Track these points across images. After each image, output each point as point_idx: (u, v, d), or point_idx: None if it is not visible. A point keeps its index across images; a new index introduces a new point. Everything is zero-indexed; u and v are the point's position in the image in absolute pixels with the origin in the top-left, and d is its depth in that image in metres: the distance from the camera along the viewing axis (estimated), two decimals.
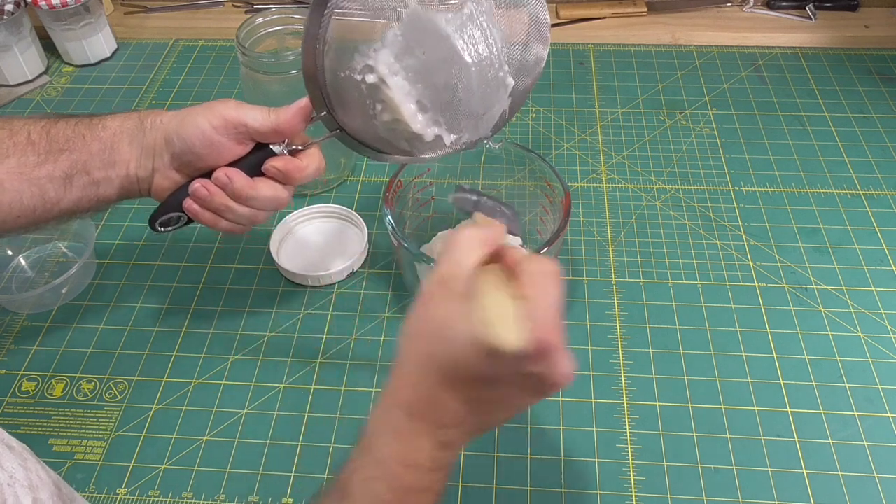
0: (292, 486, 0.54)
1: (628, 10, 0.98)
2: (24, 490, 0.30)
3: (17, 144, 0.49)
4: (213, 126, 0.50)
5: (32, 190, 0.49)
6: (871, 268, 0.68)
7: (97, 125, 0.51)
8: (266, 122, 0.50)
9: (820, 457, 0.55)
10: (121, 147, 0.51)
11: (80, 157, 0.50)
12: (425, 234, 0.68)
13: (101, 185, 0.51)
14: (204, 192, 0.51)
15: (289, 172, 0.52)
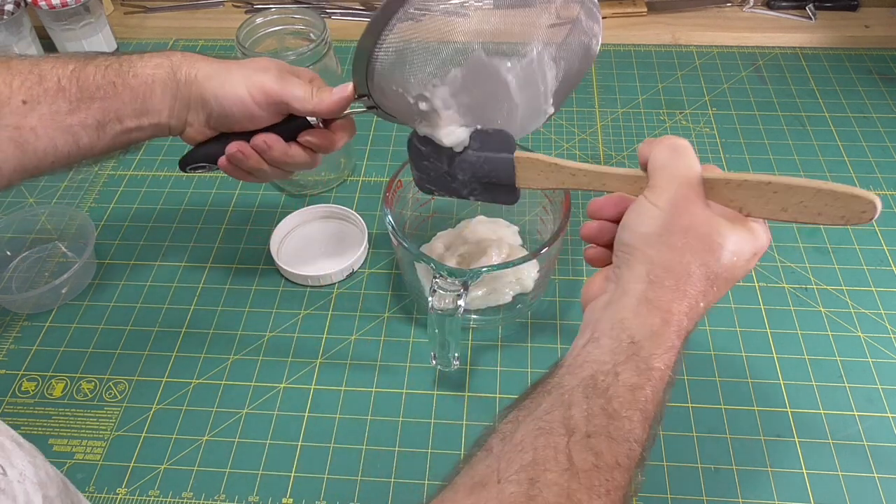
0: (292, 486, 0.54)
1: (628, 10, 0.98)
2: (34, 487, 0.30)
3: (48, 91, 0.49)
4: (255, 99, 0.51)
5: (66, 137, 0.49)
6: (871, 268, 0.68)
7: (127, 72, 0.51)
8: (307, 105, 0.51)
9: (820, 457, 0.55)
10: (153, 97, 0.51)
11: (112, 106, 0.50)
12: (425, 234, 0.68)
13: (133, 132, 0.52)
14: (241, 156, 0.53)
15: (324, 145, 0.54)
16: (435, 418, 0.58)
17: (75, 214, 0.72)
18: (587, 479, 0.34)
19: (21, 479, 0.29)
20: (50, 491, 0.31)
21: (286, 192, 0.77)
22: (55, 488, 0.32)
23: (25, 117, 0.48)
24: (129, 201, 0.77)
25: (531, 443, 0.35)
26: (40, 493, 0.30)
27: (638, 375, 0.36)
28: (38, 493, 0.30)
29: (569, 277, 0.68)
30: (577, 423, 0.35)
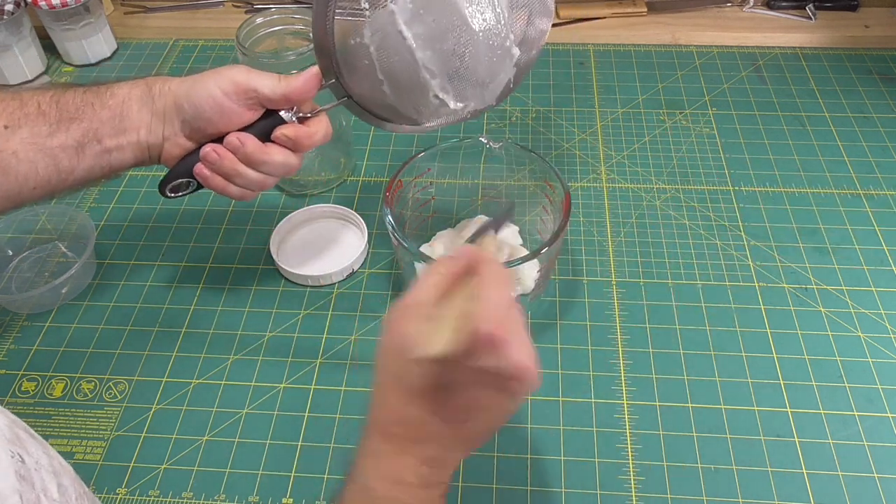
0: (292, 486, 0.54)
1: (628, 10, 0.98)
2: (49, 475, 0.30)
3: (28, 115, 0.50)
4: (224, 91, 0.51)
5: (46, 160, 0.50)
6: (871, 268, 0.68)
7: (105, 93, 0.52)
8: (276, 89, 0.51)
9: (820, 457, 0.55)
10: (130, 114, 0.52)
11: (91, 126, 0.51)
12: (425, 234, 0.68)
13: (112, 153, 0.52)
14: (214, 157, 0.52)
15: (298, 139, 0.54)
16: None
17: (75, 214, 0.72)
18: None
19: (37, 467, 0.30)
20: (64, 479, 0.31)
21: (286, 192, 0.77)
22: (68, 477, 0.32)
23: (7, 141, 0.49)
24: (129, 201, 0.77)
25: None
26: (55, 481, 0.30)
27: None
28: (53, 480, 0.30)
29: (569, 277, 0.68)
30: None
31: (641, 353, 0.62)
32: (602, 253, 0.70)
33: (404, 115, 0.54)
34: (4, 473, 0.27)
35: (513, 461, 0.55)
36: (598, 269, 0.68)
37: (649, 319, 0.64)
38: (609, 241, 0.71)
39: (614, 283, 0.67)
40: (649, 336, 0.63)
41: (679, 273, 0.68)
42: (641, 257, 0.69)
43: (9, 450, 0.28)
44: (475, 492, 0.54)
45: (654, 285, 0.67)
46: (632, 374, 0.60)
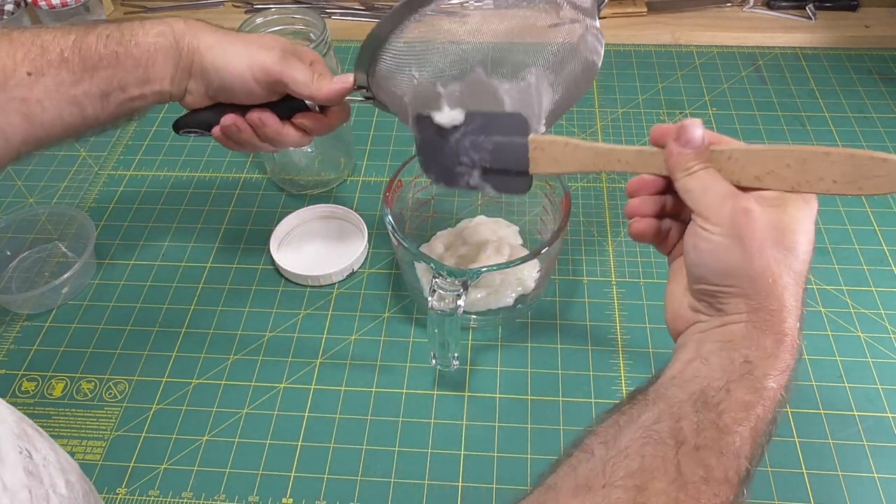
0: (292, 486, 0.54)
1: (628, 10, 0.98)
2: (56, 471, 0.30)
3: (52, 63, 0.49)
4: (255, 76, 0.51)
5: (71, 109, 0.50)
6: (871, 268, 0.68)
7: (129, 41, 0.51)
8: (306, 91, 0.52)
9: (820, 457, 0.55)
10: (155, 65, 0.51)
11: (116, 75, 0.51)
12: (425, 234, 0.68)
13: (136, 100, 0.52)
14: (235, 129, 0.54)
15: (318, 129, 0.55)
16: (435, 418, 0.58)
17: (75, 214, 0.72)
18: (695, 490, 0.33)
19: (45, 463, 0.30)
20: (71, 476, 0.31)
21: (286, 192, 0.77)
22: (75, 474, 0.32)
23: (31, 89, 0.48)
24: (129, 201, 0.77)
25: (637, 450, 0.35)
26: (63, 477, 0.31)
27: (752, 394, 0.36)
28: (60, 477, 0.30)
29: (569, 277, 0.68)
30: (686, 435, 0.35)
31: (641, 353, 0.62)
32: (602, 253, 0.70)
33: None
34: (13, 469, 0.27)
35: (513, 461, 0.55)
36: (598, 269, 0.68)
37: (649, 319, 0.64)
38: (609, 241, 0.71)
39: (614, 283, 0.67)
40: (649, 336, 0.63)
41: None
42: (641, 257, 0.69)
43: (17, 445, 0.28)
44: (475, 492, 0.54)
45: (654, 285, 0.67)
46: (632, 374, 0.60)
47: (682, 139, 0.40)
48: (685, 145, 0.40)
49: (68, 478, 0.31)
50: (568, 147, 0.45)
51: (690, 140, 0.40)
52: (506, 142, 0.47)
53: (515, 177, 0.49)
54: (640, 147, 0.42)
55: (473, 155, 0.48)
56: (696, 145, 0.40)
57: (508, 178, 0.49)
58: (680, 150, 0.40)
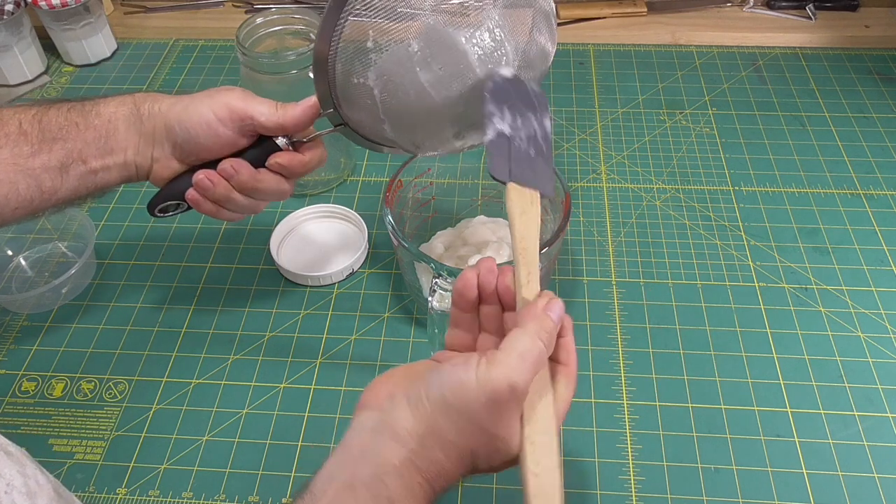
0: (292, 486, 0.54)
1: (628, 10, 0.98)
2: (21, 497, 0.30)
3: (9, 135, 0.48)
4: (219, 117, 0.50)
5: (28, 181, 0.48)
6: (871, 268, 0.68)
7: (90, 112, 0.50)
8: (272, 118, 0.50)
9: (820, 457, 0.55)
10: (117, 135, 0.51)
11: (75, 146, 0.50)
12: (425, 234, 0.68)
13: (98, 173, 0.51)
14: (208, 184, 0.51)
15: (292, 167, 0.52)
16: None
17: (75, 214, 0.72)
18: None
19: (8, 489, 0.29)
20: (39, 500, 0.31)
21: None
22: (45, 497, 0.31)
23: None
24: (129, 201, 0.77)
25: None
26: (28, 502, 0.30)
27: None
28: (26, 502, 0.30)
29: (569, 277, 0.68)
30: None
31: (641, 353, 0.62)
32: (602, 253, 0.70)
33: (402, 147, 0.53)
34: None
35: None
36: (598, 269, 0.68)
37: (649, 319, 0.64)
38: (609, 241, 0.71)
39: (614, 283, 0.67)
40: (649, 336, 0.63)
41: (679, 273, 0.68)
42: (641, 257, 0.69)
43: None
44: (475, 492, 0.54)
45: (654, 285, 0.67)
46: (632, 374, 0.60)
47: (549, 305, 0.39)
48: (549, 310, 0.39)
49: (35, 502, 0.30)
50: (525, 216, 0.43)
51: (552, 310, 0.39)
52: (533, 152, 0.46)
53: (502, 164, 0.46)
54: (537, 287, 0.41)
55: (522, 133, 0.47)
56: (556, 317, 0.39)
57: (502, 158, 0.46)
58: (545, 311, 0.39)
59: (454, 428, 0.37)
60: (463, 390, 0.36)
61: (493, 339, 0.43)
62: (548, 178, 0.46)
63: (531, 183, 0.44)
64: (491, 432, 0.36)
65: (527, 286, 0.41)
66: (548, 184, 0.45)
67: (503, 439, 0.37)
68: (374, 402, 0.39)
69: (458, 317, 0.44)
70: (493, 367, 0.36)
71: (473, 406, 0.36)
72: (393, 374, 0.41)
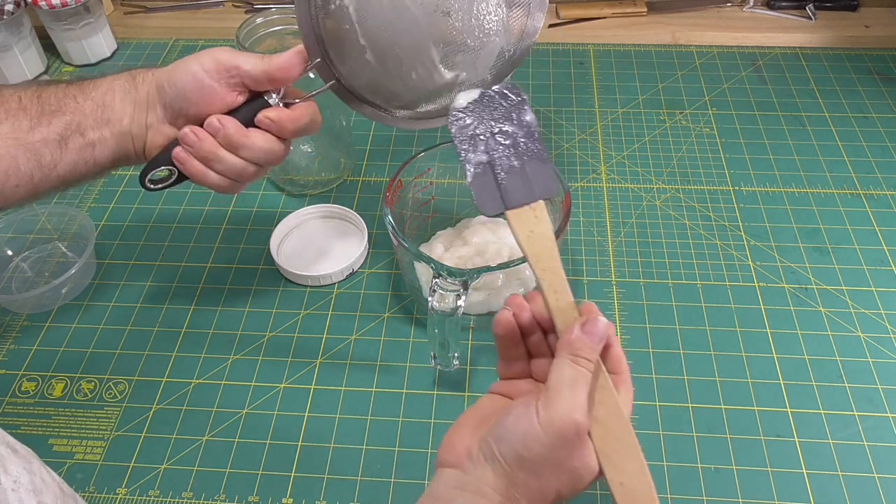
0: (292, 486, 0.54)
1: (628, 10, 0.98)
2: (28, 494, 0.30)
3: (9, 111, 0.49)
4: (206, 70, 0.49)
5: (28, 155, 0.49)
6: (871, 268, 0.68)
7: (88, 86, 0.51)
8: (259, 66, 0.50)
9: (820, 457, 0.55)
10: (113, 104, 0.51)
11: (74, 118, 0.50)
12: (425, 234, 0.68)
13: (96, 146, 0.51)
14: (193, 138, 0.50)
15: (282, 123, 0.51)
16: (435, 418, 0.58)
17: (75, 214, 0.72)
18: None
19: (15, 486, 0.29)
20: (45, 497, 0.31)
21: (286, 192, 0.77)
22: (51, 495, 0.31)
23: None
24: (129, 201, 0.77)
25: None
26: (35, 499, 0.30)
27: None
28: (32, 499, 0.30)
29: (569, 277, 0.67)
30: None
31: (641, 353, 0.62)
32: (602, 253, 0.70)
33: (394, 93, 0.52)
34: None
35: None
36: (598, 269, 0.68)
37: (649, 319, 0.64)
38: (609, 241, 0.71)
39: (614, 283, 0.67)
40: (649, 336, 0.63)
41: (679, 273, 0.68)
42: (641, 257, 0.69)
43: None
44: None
45: (654, 285, 0.67)
46: (632, 373, 0.60)
47: (587, 327, 0.39)
48: (588, 334, 0.39)
49: (42, 499, 0.30)
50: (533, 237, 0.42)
51: (594, 332, 0.39)
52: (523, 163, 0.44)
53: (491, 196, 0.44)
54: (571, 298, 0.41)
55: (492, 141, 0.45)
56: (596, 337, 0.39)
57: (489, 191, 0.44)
58: (581, 334, 0.39)
59: (534, 476, 0.38)
60: (532, 442, 0.37)
61: (547, 361, 0.43)
62: (545, 177, 0.44)
63: (529, 197, 0.43)
64: (568, 467, 0.38)
65: (559, 307, 0.41)
66: (547, 183, 0.44)
67: (582, 467, 0.38)
68: (454, 459, 0.40)
69: (505, 351, 0.45)
70: (551, 409, 0.37)
71: (546, 453, 0.37)
72: (463, 424, 0.42)
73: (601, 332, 0.39)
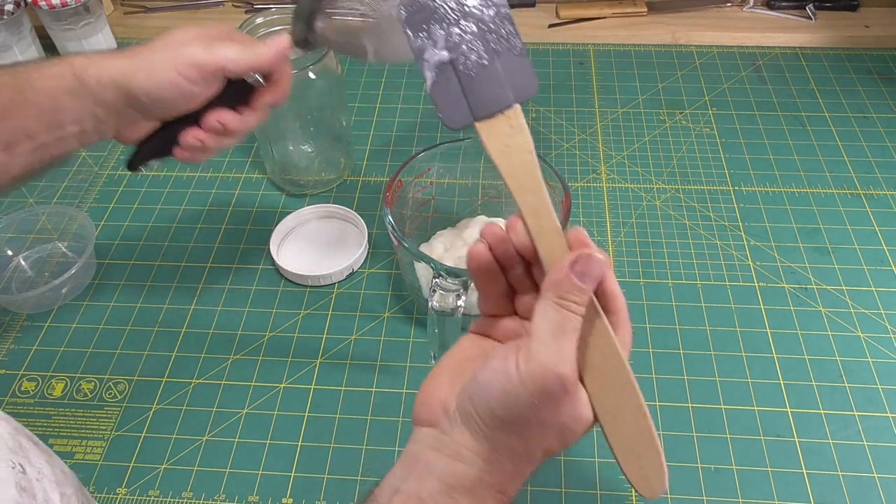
0: (292, 486, 0.54)
1: (628, 10, 0.98)
2: (51, 485, 0.30)
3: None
4: (187, 77, 0.47)
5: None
6: (871, 268, 0.68)
7: (25, 87, 0.46)
8: (243, 63, 0.48)
9: (820, 457, 0.55)
10: (63, 109, 0.46)
11: (18, 125, 0.46)
12: (425, 234, 0.68)
13: (51, 146, 0.47)
14: (198, 144, 0.50)
15: (275, 100, 0.52)
16: None
17: (75, 214, 0.72)
18: None
19: (39, 476, 0.30)
20: (66, 489, 0.31)
21: (286, 192, 0.77)
22: (71, 486, 0.32)
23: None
24: (129, 201, 0.77)
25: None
26: (58, 490, 0.30)
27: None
28: (55, 490, 0.30)
29: None
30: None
31: (641, 353, 0.62)
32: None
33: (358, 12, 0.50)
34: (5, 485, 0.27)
35: None
36: None
37: (649, 319, 0.64)
38: (609, 241, 0.71)
39: None
40: (649, 336, 0.63)
41: (679, 273, 0.68)
42: (641, 257, 0.69)
43: (9, 460, 0.28)
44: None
45: (654, 285, 0.67)
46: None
47: (577, 266, 0.34)
48: (580, 276, 0.34)
49: (63, 490, 0.31)
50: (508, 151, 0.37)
51: (586, 272, 0.34)
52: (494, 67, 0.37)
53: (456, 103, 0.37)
54: (556, 223, 0.36)
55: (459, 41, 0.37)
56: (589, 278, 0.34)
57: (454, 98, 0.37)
58: (570, 274, 0.34)
59: (517, 437, 0.35)
60: (511, 400, 0.33)
61: (532, 297, 0.39)
62: (522, 74, 0.37)
63: (501, 103, 0.36)
64: (556, 424, 0.34)
65: (541, 232, 0.36)
66: (524, 81, 0.37)
67: (572, 421, 0.34)
68: (431, 416, 0.37)
69: (483, 287, 0.40)
70: (532, 361, 0.33)
71: (528, 412, 0.33)
72: (439, 374, 0.38)
73: (594, 272, 0.34)
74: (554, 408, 0.34)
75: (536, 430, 0.34)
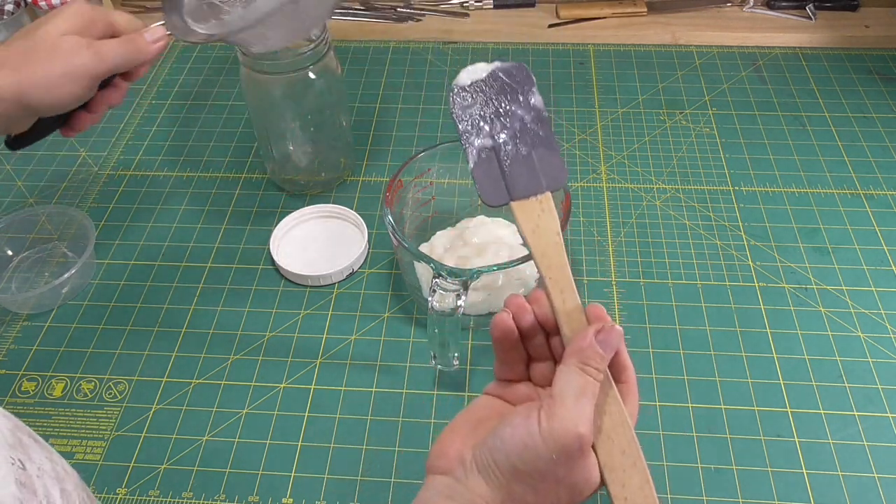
0: (292, 486, 0.54)
1: (628, 10, 0.98)
2: (52, 481, 0.30)
3: None
4: (84, 87, 0.50)
5: None
6: (871, 268, 0.68)
7: None
8: (130, 62, 0.53)
9: (820, 457, 0.55)
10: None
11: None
12: (425, 234, 0.68)
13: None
14: (91, 124, 0.54)
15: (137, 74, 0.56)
16: (435, 418, 0.58)
17: (75, 214, 0.72)
18: None
19: (40, 473, 0.30)
20: (67, 485, 0.31)
21: (286, 192, 0.77)
22: (72, 483, 0.32)
23: None
24: (129, 201, 0.77)
25: None
26: (58, 486, 0.30)
27: None
28: (56, 486, 0.30)
29: None
30: None
31: (641, 353, 0.62)
32: (602, 253, 0.70)
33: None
34: (4, 481, 0.27)
35: None
36: (598, 269, 0.68)
37: (649, 319, 0.64)
38: (609, 241, 0.71)
39: (614, 283, 0.67)
40: (649, 336, 0.63)
41: (679, 273, 0.68)
42: (641, 257, 0.69)
43: (9, 456, 0.28)
44: None
45: (654, 285, 0.67)
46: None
47: (600, 335, 0.38)
48: (601, 343, 0.37)
49: (64, 486, 0.31)
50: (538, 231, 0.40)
51: (607, 341, 0.38)
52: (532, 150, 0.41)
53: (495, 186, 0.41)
54: (578, 299, 0.39)
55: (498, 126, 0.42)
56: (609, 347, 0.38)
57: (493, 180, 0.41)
58: (594, 342, 0.37)
59: (531, 490, 0.36)
60: (531, 454, 0.35)
61: (547, 365, 0.42)
62: (554, 166, 0.41)
63: (535, 189, 0.40)
64: (569, 482, 0.36)
65: (565, 309, 0.39)
66: (556, 173, 0.41)
67: (583, 482, 0.37)
68: (446, 465, 0.39)
69: (502, 353, 0.43)
70: (554, 420, 0.35)
71: (546, 467, 0.35)
72: (456, 429, 0.40)
73: (614, 342, 0.38)
74: (569, 466, 0.36)
75: (550, 486, 0.36)
